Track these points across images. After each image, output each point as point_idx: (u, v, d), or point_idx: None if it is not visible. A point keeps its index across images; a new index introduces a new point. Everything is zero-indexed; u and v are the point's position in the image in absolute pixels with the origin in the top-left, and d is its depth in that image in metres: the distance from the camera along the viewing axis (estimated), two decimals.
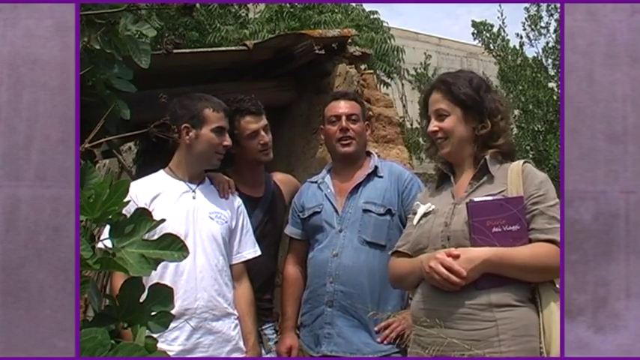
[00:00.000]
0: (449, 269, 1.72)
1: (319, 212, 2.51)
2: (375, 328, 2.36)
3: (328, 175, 2.61)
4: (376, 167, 2.52)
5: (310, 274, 2.52)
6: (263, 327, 2.56)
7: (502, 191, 1.82)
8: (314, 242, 2.53)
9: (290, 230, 2.64)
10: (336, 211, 2.48)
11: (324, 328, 2.41)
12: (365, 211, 2.43)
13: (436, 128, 1.95)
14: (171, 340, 2.10)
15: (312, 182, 2.64)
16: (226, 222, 2.31)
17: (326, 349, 2.40)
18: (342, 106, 2.55)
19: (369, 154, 2.62)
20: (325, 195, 2.53)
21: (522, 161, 1.89)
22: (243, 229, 2.40)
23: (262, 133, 2.54)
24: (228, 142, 2.33)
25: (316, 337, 2.45)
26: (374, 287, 2.36)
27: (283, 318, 2.60)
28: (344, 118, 2.52)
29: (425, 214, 1.92)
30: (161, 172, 2.35)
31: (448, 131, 1.92)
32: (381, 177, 2.50)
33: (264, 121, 2.57)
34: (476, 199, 1.80)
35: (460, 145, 1.93)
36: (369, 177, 2.50)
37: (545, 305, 1.71)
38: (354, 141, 2.52)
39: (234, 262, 2.35)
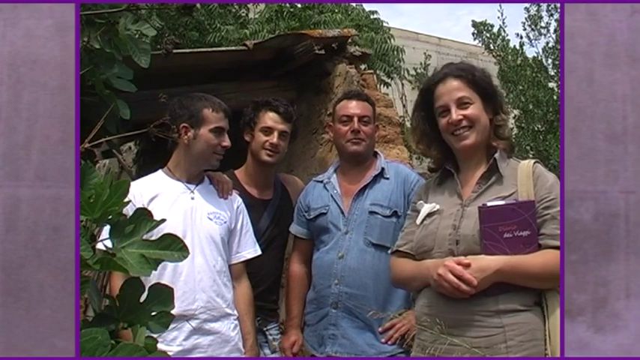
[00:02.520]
0: (459, 277, 1.69)
1: (325, 214, 2.50)
2: (379, 329, 2.36)
3: (334, 175, 2.59)
4: (383, 169, 2.51)
5: (315, 276, 2.51)
6: (268, 327, 2.57)
7: (512, 193, 1.78)
8: (319, 243, 2.53)
9: (295, 229, 2.63)
10: (342, 212, 2.47)
11: (329, 329, 2.41)
12: (371, 212, 2.42)
13: (460, 117, 1.84)
14: (170, 341, 2.10)
15: (318, 182, 2.63)
16: (225, 222, 2.31)
17: (330, 349, 2.40)
18: (355, 107, 2.54)
19: (376, 155, 2.61)
20: (331, 196, 2.53)
21: (533, 161, 1.84)
22: (243, 229, 2.39)
23: (275, 134, 2.56)
24: (227, 142, 2.32)
25: (320, 337, 2.45)
26: (379, 289, 2.36)
27: (288, 317, 2.60)
28: (356, 119, 2.51)
29: (429, 214, 1.88)
30: (159, 172, 2.34)
31: (474, 119, 1.84)
32: (387, 178, 2.49)
33: (284, 127, 2.58)
34: (489, 204, 1.74)
35: (484, 134, 1.87)
36: (376, 178, 2.50)
37: (551, 311, 1.69)
38: (364, 142, 2.51)
39: (233, 261, 2.35)
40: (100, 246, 1.22)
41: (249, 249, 2.40)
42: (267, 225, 2.59)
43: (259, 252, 2.42)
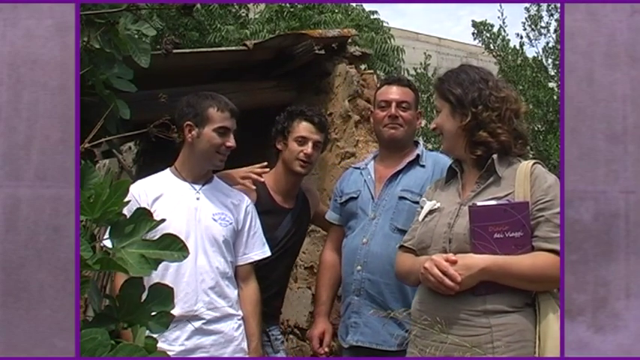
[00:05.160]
0: (443, 272, 1.70)
1: (356, 198, 2.48)
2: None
3: (372, 162, 2.57)
4: (418, 155, 2.46)
5: (342, 263, 2.48)
6: (270, 328, 2.56)
7: (509, 194, 1.77)
8: (347, 230, 2.50)
9: (329, 215, 2.62)
10: (372, 197, 2.44)
11: (352, 318, 2.37)
12: (401, 198, 2.37)
13: (434, 125, 1.97)
14: (172, 341, 2.09)
15: (356, 168, 2.62)
16: (230, 223, 2.28)
17: (352, 338, 2.35)
18: (394, 92, 2.50)
19: (416, 143, 2.57)
20: (365, 181, 2.50)
21: (532, 162, 1.84)
22: (251, 231, 2.37)
23: (310, 144, 2.53)
24: (231, 143, 2.29)
25: (346, 327, 2.41)
26: None
27: (317, 303, 2.58)
28: (394, 104, 2.47)
29: (430, 212, 1.90)
30: (167, 171, 2.33)
31: (440, 127, 1.93)
32: (423, 166, 2.44)
33: (318, 137, 2.55)
34: (479, 204, 1.76)
35: (452, 139, 1.90)
36: (411, 165, 2.45)
37: (543, 314, 1.69)
38: (401, 127, 2.46)
39: (240, 263, 2.32)
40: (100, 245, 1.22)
41: (257, 250, 2.37)
42: (285, 233, 2.57)
43: (268, 253, 2.39)
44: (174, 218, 2.07)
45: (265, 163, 2.54)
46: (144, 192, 2.18)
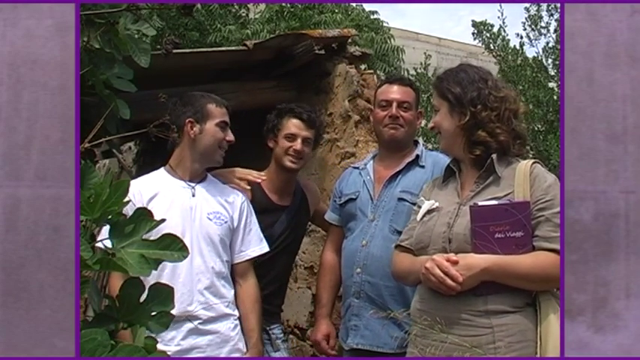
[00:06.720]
0: (445, 273, 1.70)
1: (355, 199, 2.47)
2: None
3: (372, 162, 2.55)
4: (418, 156, 2.45)
5: (342, 265, 2.48)
6: (271, 327, 2.55)
7: (508, 194, 1.77)
8: (347, 231, 2.49)
9: (329, 216, 2.61)
10: (372, 199, 2.42)
11: (352, 320, 2.36)
12: (400, 199, 2.36)
13: (432, 124, 1.97)
14: (167, 341, 2.09)
15: (355, 168, 2.60)
16: (226, 222, 2.29)
17: (352, 341, 2.35)
18: (395, 92, 2.48)
19: (416, 143, 2.55)
20: (364, 182, 2.48)
21: (532, 162, 1.83)
22: (247, 227, 2.37)
23: (299, 140, 2.54)
24: (231, 137, 2.32)
25: (346, 329, 2.40)
26: None
27: (318, 305, 2.57)
28: (395, 104, 2.45)
29: (429, 211, 1.89)
30: (161, 170, 2.34)
31: (438, 126, 1.93)
32: (423, 167, 2.42)
33: (307, 133, 2.56)
34: (480, 204, 1.76)
35: (450, 139, 1.91)
36: (410, 165, 2.43)
37: (544, 315, 1.69)
38: (402, 128, 2.45)
39: (237, 260, 2.33)
40: (99, 246, 1.22)
41: (254, 247, 2.37)
42: (282, 231, 2.57)
43: (266, 249, 2.40)
44: (169, 217, 2.06)
45: (264, 173, 2.55)
46: (138, 192, 2.18)
